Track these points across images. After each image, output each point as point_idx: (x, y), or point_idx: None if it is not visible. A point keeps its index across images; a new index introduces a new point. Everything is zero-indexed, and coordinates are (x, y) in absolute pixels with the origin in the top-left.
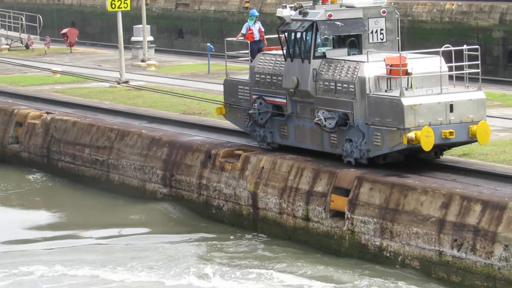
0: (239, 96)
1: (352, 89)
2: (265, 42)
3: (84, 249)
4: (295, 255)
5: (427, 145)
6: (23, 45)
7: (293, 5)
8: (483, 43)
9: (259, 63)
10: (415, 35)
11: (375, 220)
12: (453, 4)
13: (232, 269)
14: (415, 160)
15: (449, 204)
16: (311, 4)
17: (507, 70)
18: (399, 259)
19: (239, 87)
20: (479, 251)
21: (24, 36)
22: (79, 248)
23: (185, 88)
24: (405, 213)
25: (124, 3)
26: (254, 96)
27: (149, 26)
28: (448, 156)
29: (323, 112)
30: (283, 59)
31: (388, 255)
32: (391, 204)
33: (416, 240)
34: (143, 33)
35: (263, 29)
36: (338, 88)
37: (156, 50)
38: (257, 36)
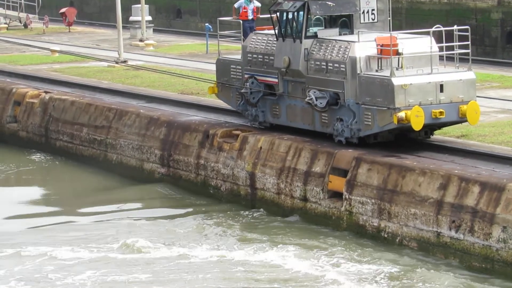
0: (231, 76)
1: (343, 69)
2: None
3: (84, 226)
4: (290, 233)
5: (417, 125)
6: (22, 24)
7: None
8: (481, 24)
9: (251, 42)
10: (413, 16)
11: (373, 201)
12: None
13: (231, 242)
14: (407, 140)
15: (447, 185)
16: None
17: (505, 52)
18: (397, 240)
19: (231, 66)
20: (477, 233)
21: (23, 15)
22: (78, 225)
23: (183, 68)
24: (403, 194)
25: None
26: (246, 76)
27: (147, 5)
28: (446, 137)
29: (314, 92)
30: (275, 39)
31: (386, 236)
32: (389, 185)
33: (414, 221)
34: (142, 12)
35: (258, 7)
36: (329, 67)
37: (154, 30)
38: (250, 16)
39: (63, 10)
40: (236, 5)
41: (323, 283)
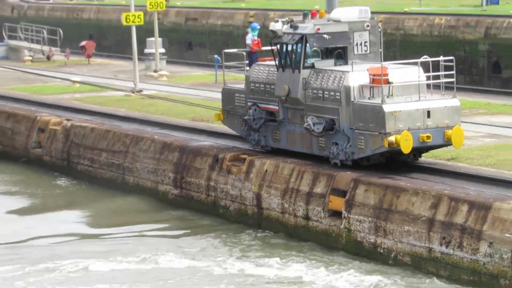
0: (236, 103)
1: (338, 97)
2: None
3: (102, 243)
4: (294, 249)
5: (406, 148)
6: (45, 57)
7: (285, 19)
8: (469, 55)
9: (253, 72)
10: (406, 47)
11: (370, 219)
12: (441, 19)
13: (237, 257)
14: (397, 162)
15: (438, 204)
16: (301, 18)
17: (491, 80)
18: (392, 255)
19: (236, 95)
20: (465, 248)
21: (46, 48)
22: (97, 242)
23: (194, 97)
24: (397, 212)
25: (138, 18)
26: (249, 103)
27: (161, 39)
28: (437, 160)
29: (312, 118)
30: (276, 69)
31: (382, 251)
32: (384, 205)
33: (408, 238)
34: (155, 45)
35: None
36: (325, 95)
37: (167, 62)
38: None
39: (83, 43)
40: (248, 41)
41: None
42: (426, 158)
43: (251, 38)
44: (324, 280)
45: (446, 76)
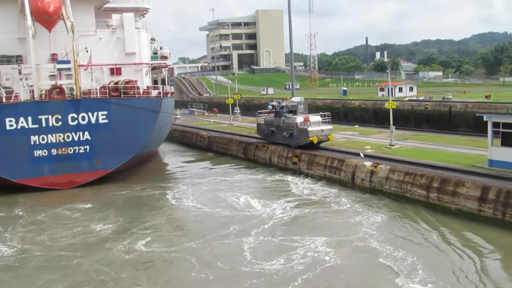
0: (261, 127)
1: (294, 125)
2: None
3: (211, 171)
4: (283, 174)
5: (315, 141)
6: (202, 113)
7: (277, 100)
8: (337, 111)
9: (267, 118)
10: (317, 109)
11: (306, 164)
12: (329, 100)
13: (263, 175)
14: (313, 147)
15: (327, 160)
16: (282, 100)
17: (345, 120)
18: (315, 177)
19: (261, 124)
20: (337, 173)
21: (202, 111)
22: (209, 170)
23: (249, 125)
24: (315, 163)
25: (231, 100)
26: (265, 127)
27: (238, 107)
28: (327, 145)
29: (286, 132)
30: (274, 117)
31: (311, 175)
32: (311, 160)
33: (318, 171)
34: (237, 109)
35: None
36: (289, 125)
37: (241, 114)
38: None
39: (214, 108)
40: (269, 108)
41: (288, 185)
42: (323, 145)
43: (269, 108)
44: (295, 181)
45: (327, 118)
